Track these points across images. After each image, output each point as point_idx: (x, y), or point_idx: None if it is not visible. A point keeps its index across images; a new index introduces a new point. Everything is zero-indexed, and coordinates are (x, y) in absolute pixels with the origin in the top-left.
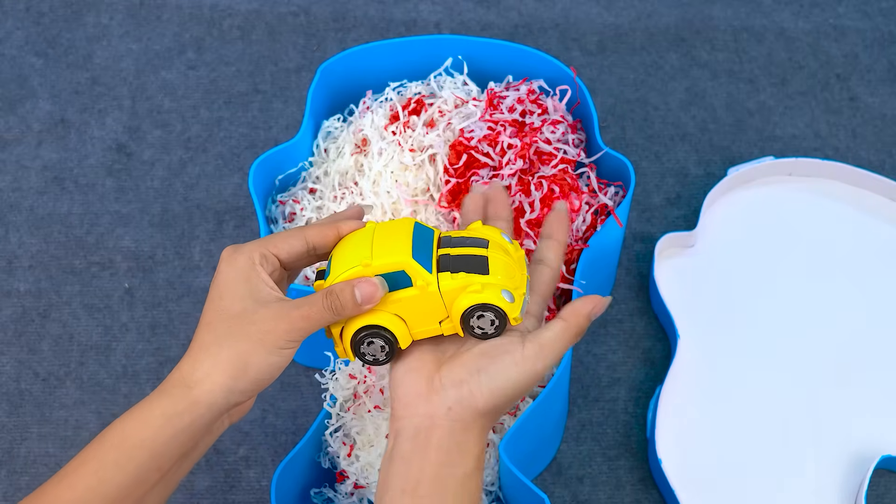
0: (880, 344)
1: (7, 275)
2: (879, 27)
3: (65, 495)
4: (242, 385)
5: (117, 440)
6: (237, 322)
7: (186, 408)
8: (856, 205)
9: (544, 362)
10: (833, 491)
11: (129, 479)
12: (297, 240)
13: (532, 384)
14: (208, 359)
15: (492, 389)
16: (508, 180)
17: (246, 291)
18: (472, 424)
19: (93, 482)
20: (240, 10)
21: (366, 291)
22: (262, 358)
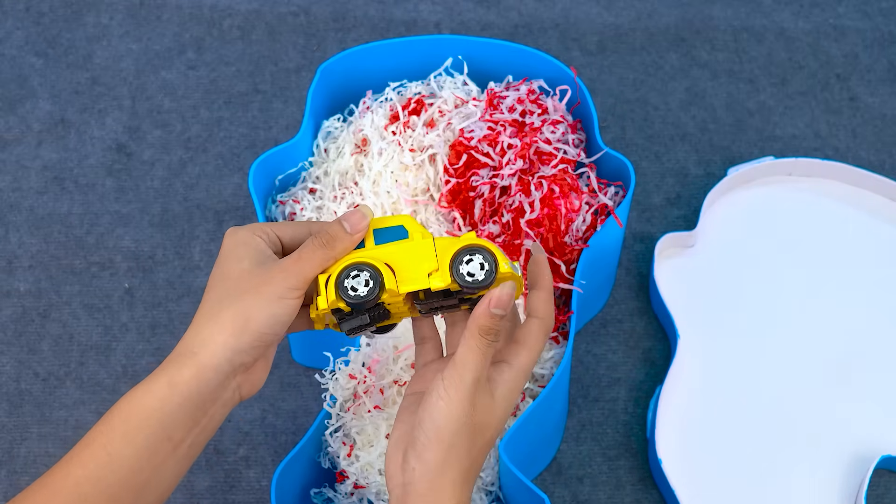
0: (880, 344)
1: (7, 275)
2: (879, 27)
3: (76, 472)
4: (246, 340)
5: (124, 414)
6: (235, 282)
7: (192, 373)
8: (856, 205)
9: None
10: (833, 491)
11: (139, 451)
12: (301, 227)
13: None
14: (209, 322)
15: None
16: (508, 180)
17: (244, 254)
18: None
19: (103, 457)
20: (240, 10)
21: (353, 219)
22: (261, 308)
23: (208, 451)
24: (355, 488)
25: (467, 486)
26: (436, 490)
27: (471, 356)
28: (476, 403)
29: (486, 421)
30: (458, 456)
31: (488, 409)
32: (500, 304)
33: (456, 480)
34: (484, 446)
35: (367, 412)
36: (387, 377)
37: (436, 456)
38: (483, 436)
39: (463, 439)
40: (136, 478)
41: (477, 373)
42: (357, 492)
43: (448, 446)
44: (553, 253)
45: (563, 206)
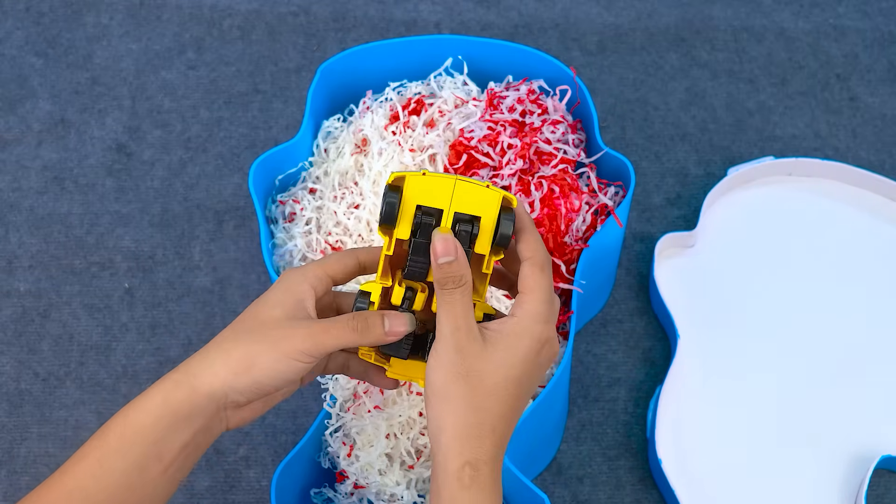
0: (880, 344)
1: (7, 275)
2: (879, 27)
3: (69, 484)
4: (243, 382)
5: (119, 429)
6: (259, 325)
7: (186, 396)
8: (856, 205)
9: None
10: (833, 491)
11: (130, 467)
12: (349, 259)
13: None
14: (219, 354)
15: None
16: (508, 180)
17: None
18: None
19: (96, 470)
20: (240, 10)
21: (395, 323)
22: (268, 361)
23: (208, 451)
24: (355, 488)
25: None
26: (441, 448)
27: (442, 310)
28: (462, 351)
29: (480, 367)
30: (455, 410)
31: (479, 356)
32: (442, 253)
33: (459, 434)
34: (490, 394)
35: (367, 412)
36: None
37: (435, 411)
38: (483, 383)
39: (457, 389)
40: (129, 494)
41: (449, 325)
42: (357, 492)
43: (441, 399)
44: (553, 253)
45: (563, 206)
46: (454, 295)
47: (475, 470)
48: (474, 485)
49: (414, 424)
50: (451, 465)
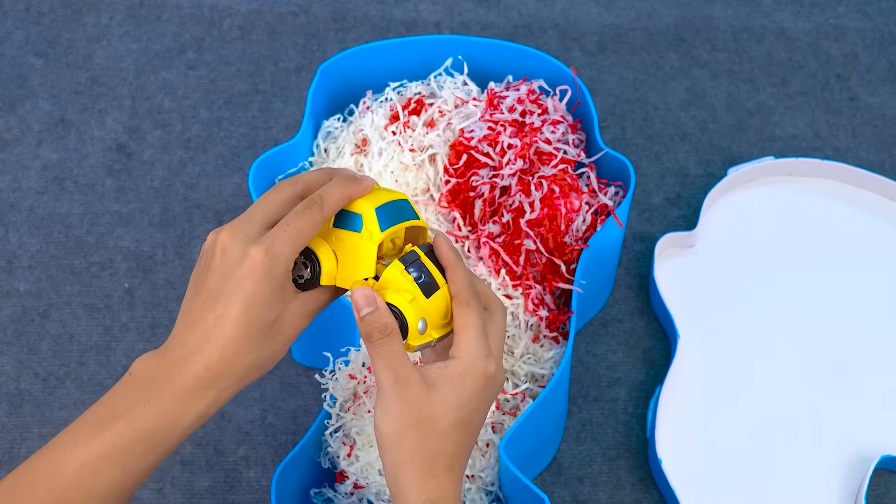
0: (880, 344)
1: (7, 275)
2: (879, 27)
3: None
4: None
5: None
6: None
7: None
8: (856, 205)
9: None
10: (833, 491)
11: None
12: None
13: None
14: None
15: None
16: (508, 180)
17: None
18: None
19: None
20: (240, 10)
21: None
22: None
23: (208, 451)
24: (355, 488)
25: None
26: (401, 490)
27: (377, 363)
28: (408, 401)
29: (430, 414)
30: (412, 455)
31: (426, 404)
32: (360, 305)
33: (417, 477)
34: (442, 438)
35: (367, 412)
36: None
37: (390, 460)
38: (435, 428)
39: (409, 438)
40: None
41: (391, 376)
42: (357, 492)
43: (395, 448)
44: (553, 253)
45: (563, 206)
46: (384, 346)
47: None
48: None
49: None
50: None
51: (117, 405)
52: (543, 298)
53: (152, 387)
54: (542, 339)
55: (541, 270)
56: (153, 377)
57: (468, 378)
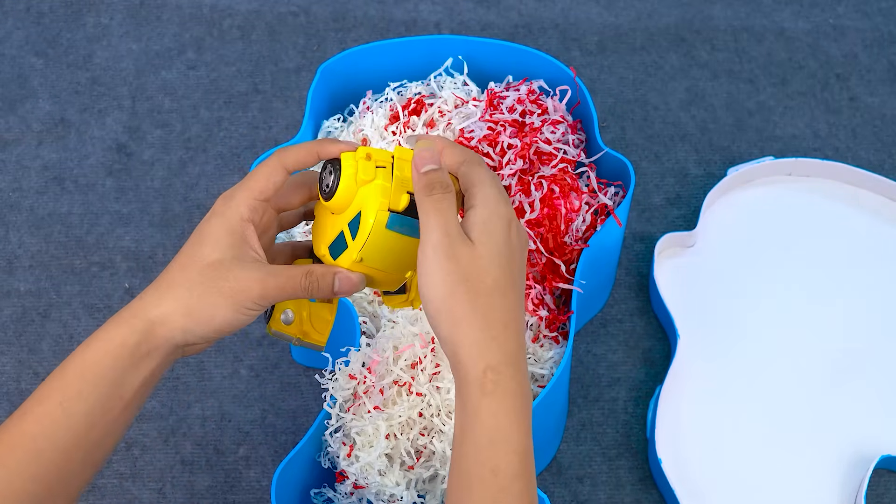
0: (880, 343)
1: (7, 275)
2: (879, 27)
3: (31, 429)
4: (203, 331)
5: (79, 370)
6: (211, 271)
7: (145, 339)
8: (856, 205)
9: (435, 237)
10: (833, 490)
11: (93, 409)
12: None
13: (453, 272)
14: (174, 300)
15: (432, 315)
16: (508, 180)
17: (228, 244)
18: (460, 352)
19: (58, 414)
20: (240, 10)
21: (346, 286)
22: (228, 313)
23: (208, 451)
24: (355, 488)
25: (497, 343)
26: (460, 360)
27: (427, 218)
28: (454, 258)
29: (477, 268)
30: (467, 319)
31: (472, 257)
32: (424, 162)
33: (475, 341)
34: (493, 292)
35: (367, 412)
36: (387, 377)
37: (446, 330)
38: (484, 282)
39: (460, 298)
40: (90, 434)
41: (440, 230)
42: (357, 492)
43: (448, 313)
44: (553, 253)
45: (563, 206)
46: (444, 200)
47: (497, 373)
48: (498, 389)
49: (414, 425)
50: (472, 373)
51: None
52: (543, 298)
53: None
54: (542, 339)
55: (541, 270)
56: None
57: (496, 223)
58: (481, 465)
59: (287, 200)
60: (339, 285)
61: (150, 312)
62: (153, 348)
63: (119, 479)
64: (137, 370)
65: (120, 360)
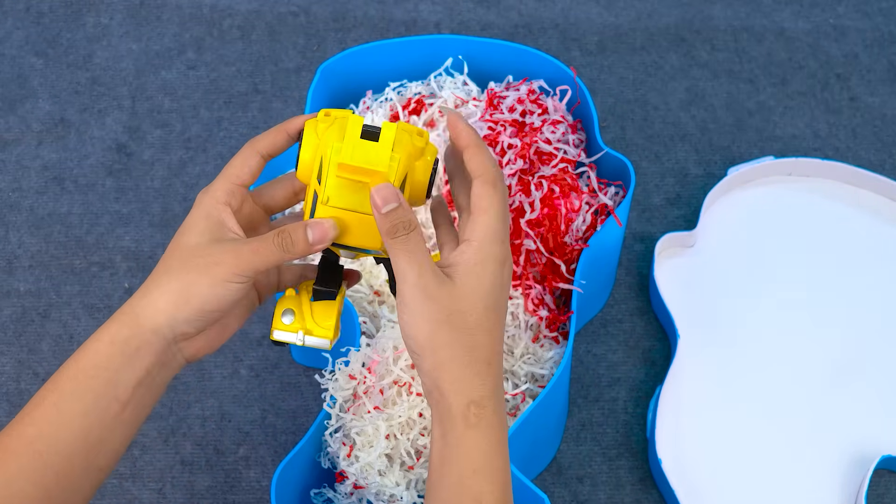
0: (880, 344)
1: (7, 275)
2: (879, 27)
3: (28, 431)
4: (185, 314)
5: (72, 372)
6: (189, 254)
7: (133, 333)
8: (856, 205)
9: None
10: (833, 491)
11: (88, 409)
12: (252, 159)
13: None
14: (156, 289)
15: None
16: (508, 180)
17: (205, 227)
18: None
19: (53, 415)
20: (240, 10)
21: (318, 231)
22: (205, 288)
23: (208, 451)
24: (355, 488)
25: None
26: (443, 395)
27: (398, 260)
28: (436, 297)
29: (459, 307)
30: (450, 355)
31: (454, 296)
32: (385, 201)
33: (458, 377)
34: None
35: (367, 413)
36: (387, 378)
37: (428, 365)
38: (467, 321)
39: (443, 336)
40: (88, 436)
41: (413, 272)
42: (357, 492)
43: (431, 352)
44: (553, 253)
45: (563, 206)
46: (409, 241)
47: (480, 408)
48: (481, 422)
49: (414, 425)
50: (456, 407)
51: None
52: (543, 298)
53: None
54: (542, 339)
55: (541, 270)
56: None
57: (489, 264)
58: (463, 495)
59: (271, 195)
60: (311, 234)
61: (136, 306)
62: (143, 343)
63: (119, 479)
64: (131, 367)
65: (111, 357)
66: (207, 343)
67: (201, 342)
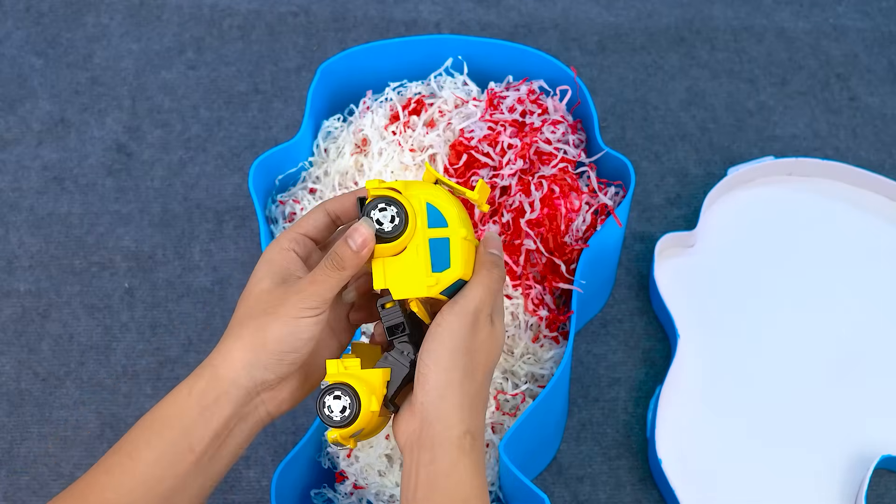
0: (880, 344)
1: (7, 275)
2: (879, 27)
3: (102, 479)
4: (264, 358)
5: (148, 422)
6: (255, 302)
7: (210, 385)
8: (856, 205)
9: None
10: (833, 491)
11: (161, 458)
12: (319, 213)
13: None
14: (230, 339)
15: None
16: (508, 180)
17: (268, 273)
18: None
19: (126, 464)
20: (240, 10)
21: (358, 239)
22: (277, 329)
23: None
24: (355, 488)
25: (476, 414)
26: (442, 417)
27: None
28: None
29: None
30: (460, 381)
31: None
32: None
33: (462, 404)
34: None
35: None
36: None
37: (438, 381)
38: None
39: (462, 361)
40: (159, 486)
41: (478, 301)
42: (357, 492)
43: (446, 369)
44: (553, 253)
45: (563, 206)
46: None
47: (473, 438)
48: (473, 451)
49: None
50: (454, 432)
51: None
52: (543, 298)
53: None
54: (542, 339)
55: (541, 270)
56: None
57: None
58: None
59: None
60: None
61: (214, 360)
62: (221, 393)
63: None
64: (207, 419)
65: (188, 408)
66: (290, 394)
67: (285, 393)
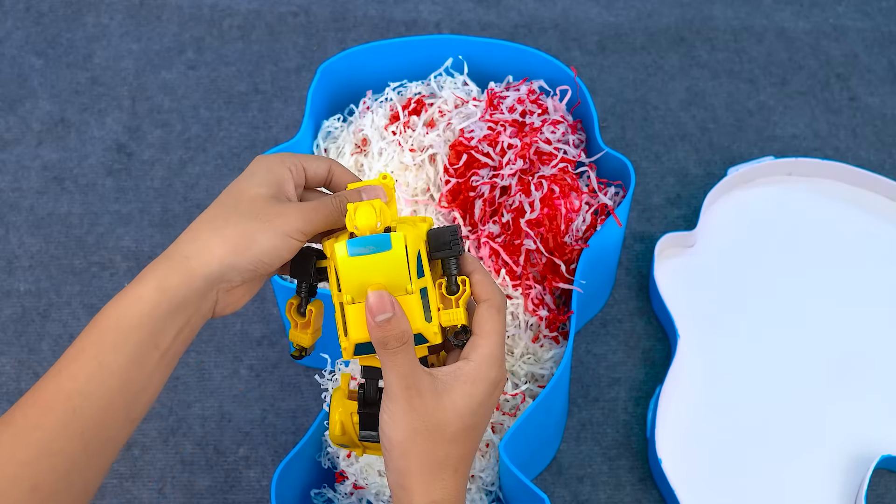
0: (880, 344)
1: (7, 275)
2: (879, 27)
3: (67, 386)
4: (243, 262)
5: (113, 322)
6: (249, 203)
7: (182, 280)
8: (856, 205)
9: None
10: (833, 491)
11: (129, 361)
12: (324, 164)
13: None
14: (210, 232)
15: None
16: (508, 180)
17: (266, 180)
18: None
19: (94, 369)
20: (240, 10)
21: (371, 195)
22: (267, 239)
23: (208, 451)
24: (355, 488)
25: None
26: (406, 492)
27: (386, 370)
28: (419, 409)
29: (440, 420)
30: (420, 462)
31: (435, 408)
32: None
33: (423, 481)
34: (451, 443)
35: None
36: None
37: (396, 465)
38: (444, 435)
39: (417, 445)
40: (127, 388)
41: (401, 383)
42: (357, 492)
43: (402, 455)
44: (553, 253)
45: (563, 206)
46: (398, 354)
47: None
48: None
49: None
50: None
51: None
52: (543, 298)
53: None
54: (542, 339)
55: (541, 270)
56: None
57: (481, 384)
58: None
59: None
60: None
61: (186, 250)
62: (191, 292)
63: (119, 479)
64: (174, 318)
65: (156, 307)
66: (237, 299)
67: (236, 296)
